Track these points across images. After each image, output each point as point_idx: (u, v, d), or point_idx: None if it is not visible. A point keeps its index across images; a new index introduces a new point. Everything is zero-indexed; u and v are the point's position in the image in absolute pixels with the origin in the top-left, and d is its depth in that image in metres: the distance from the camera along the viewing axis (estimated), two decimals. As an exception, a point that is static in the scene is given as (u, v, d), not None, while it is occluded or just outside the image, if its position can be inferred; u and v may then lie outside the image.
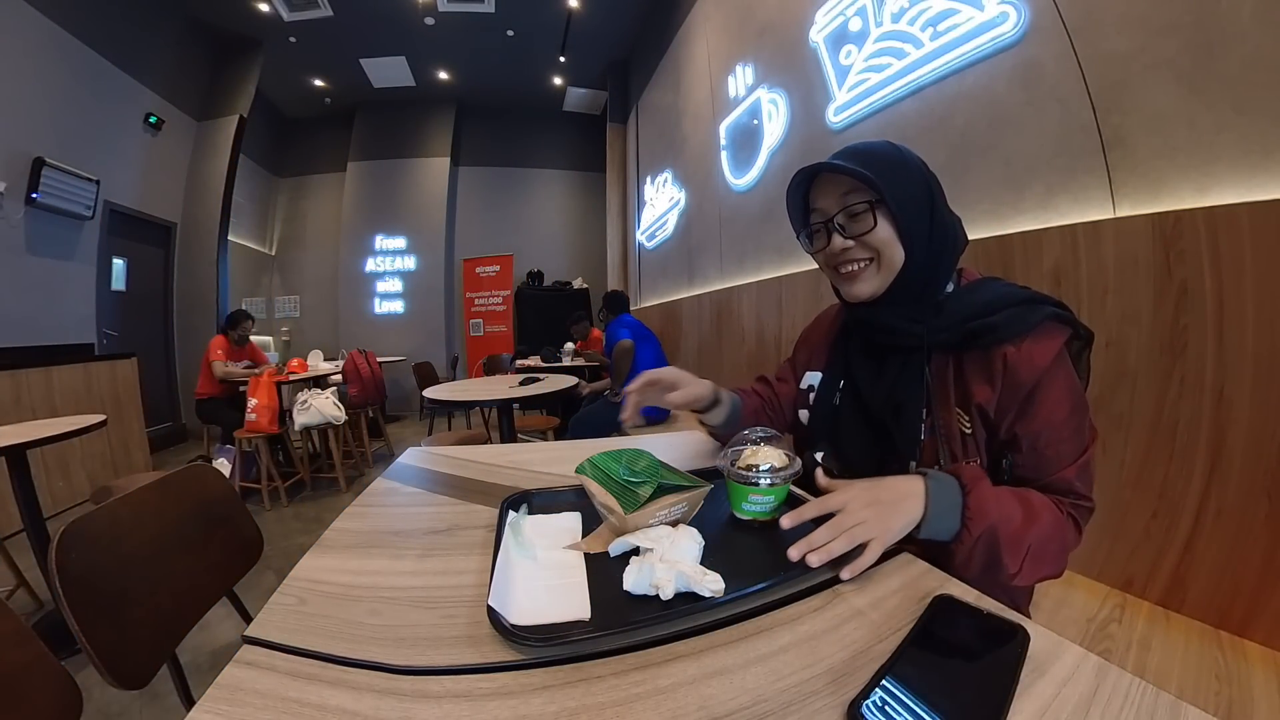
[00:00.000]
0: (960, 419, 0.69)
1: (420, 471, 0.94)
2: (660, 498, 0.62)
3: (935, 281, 0.73)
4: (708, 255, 4.14)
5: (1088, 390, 0.72)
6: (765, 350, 3.19)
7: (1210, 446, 1.25)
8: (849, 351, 0.83)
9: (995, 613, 0.46)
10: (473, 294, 6.85)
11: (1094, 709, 0.37)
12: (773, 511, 0.66)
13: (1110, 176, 1.49)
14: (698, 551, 0.56)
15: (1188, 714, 0.36)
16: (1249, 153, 1.21)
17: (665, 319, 4.87)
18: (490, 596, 0.49)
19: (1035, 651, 0.42)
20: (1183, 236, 1.27)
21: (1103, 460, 1.41)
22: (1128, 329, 1.39)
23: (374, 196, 6.66)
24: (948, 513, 0.59)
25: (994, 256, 1.71)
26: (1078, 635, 1.25)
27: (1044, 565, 0.62)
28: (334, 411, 3.16)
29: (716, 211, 3.95)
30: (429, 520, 0.71)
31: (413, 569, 0.58)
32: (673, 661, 0.43)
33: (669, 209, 4.91)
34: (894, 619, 0.48)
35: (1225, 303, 1.21)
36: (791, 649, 0.45)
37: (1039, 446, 0.65)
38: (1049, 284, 1.53)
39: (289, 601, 0.52)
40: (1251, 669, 1.12)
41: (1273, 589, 1.16)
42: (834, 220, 0.73)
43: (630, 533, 0.58)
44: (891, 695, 0.37)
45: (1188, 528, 1.29)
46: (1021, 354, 0.65)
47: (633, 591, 0.51)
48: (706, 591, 0.49)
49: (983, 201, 1.86)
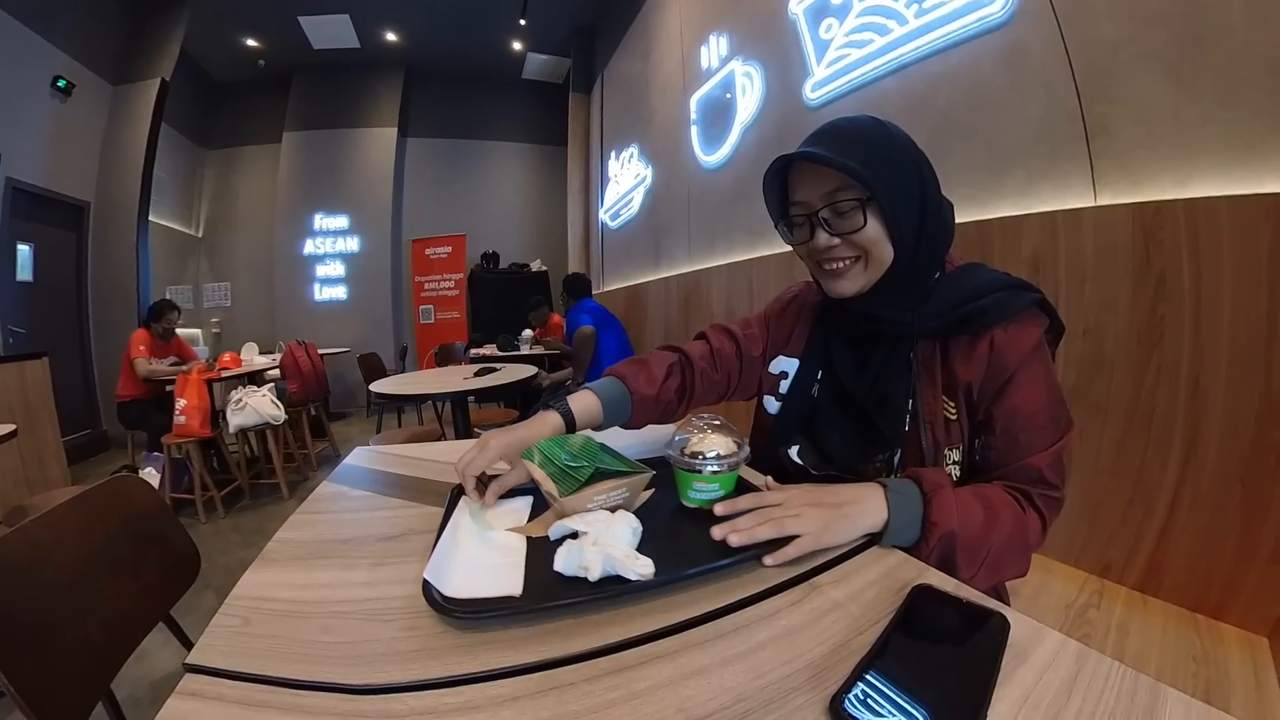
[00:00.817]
0: (946, 406, 0.72)
1: (369, 473, 0.93)
2: (598, 482, 0.66)
3: (925, 272, 0.74)
4: (675, 236, 4.16)
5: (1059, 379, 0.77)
6: None
7: (1186, 434, 1.34)
8: (829, 339, 0.84)
9: (974, 601, 0.48)
10: (422, 278, 6.74)
11: (1075, 693, 0.39)
12: (719, 500, 0.68)
13: (1092, 164, 1.56)
14: (631, 537, 0.59)
15: (1167, 695, 0.38)
16: (1231, 147, 1.29)
17: (630, 304, 4.89)
18: (427, 570, 0.52)
19: (1016, 638, 0.44)
20: (1162, 227, 1.36)
21: (1080, 447, 1.50)
22: (1105, 317, 1.47)
23: (313, 171, 6.47)
24: (909, 524, 0.62)
25: (972, 242, 1.78)
26: (1057, 621, 1.34)
27: (1003, 569, 0.66)
28: (272, 411, 3.07)
29: (685, 189, 3.97)
30: (381, 526, 0.71)
31: (366, 579, 0.57)
32: (647, 664, 0.44)
33: (634, 186, 4.91)
34: (873, 610, 0.50)
35: (1203, 294, 1.30)
36: (770, 645, 0.46)
37: (1012, 430, 0.68)
38: (1027, 271, 1.61)
39: (233, 623, 0.51)
40: (1227, 650, 1.21)
41: (1246, 572, 1.26)
42: (818, 214, 0.72)
43: (569, 516, 0.62)
44: (873, 688, 0.39)
45: (1164, 514, 1.39)
46: (1009, 337, 0.69)
47: (563, 572, 0.55)
48: (634, 575, 0.52)
49: (962, 185, 1.92)
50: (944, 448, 0.72)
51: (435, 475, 0.90)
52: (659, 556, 0.56)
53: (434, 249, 6.74)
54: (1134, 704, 0.38)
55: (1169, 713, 0.37)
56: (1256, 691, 1.11)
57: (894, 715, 0.36)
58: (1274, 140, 1.23)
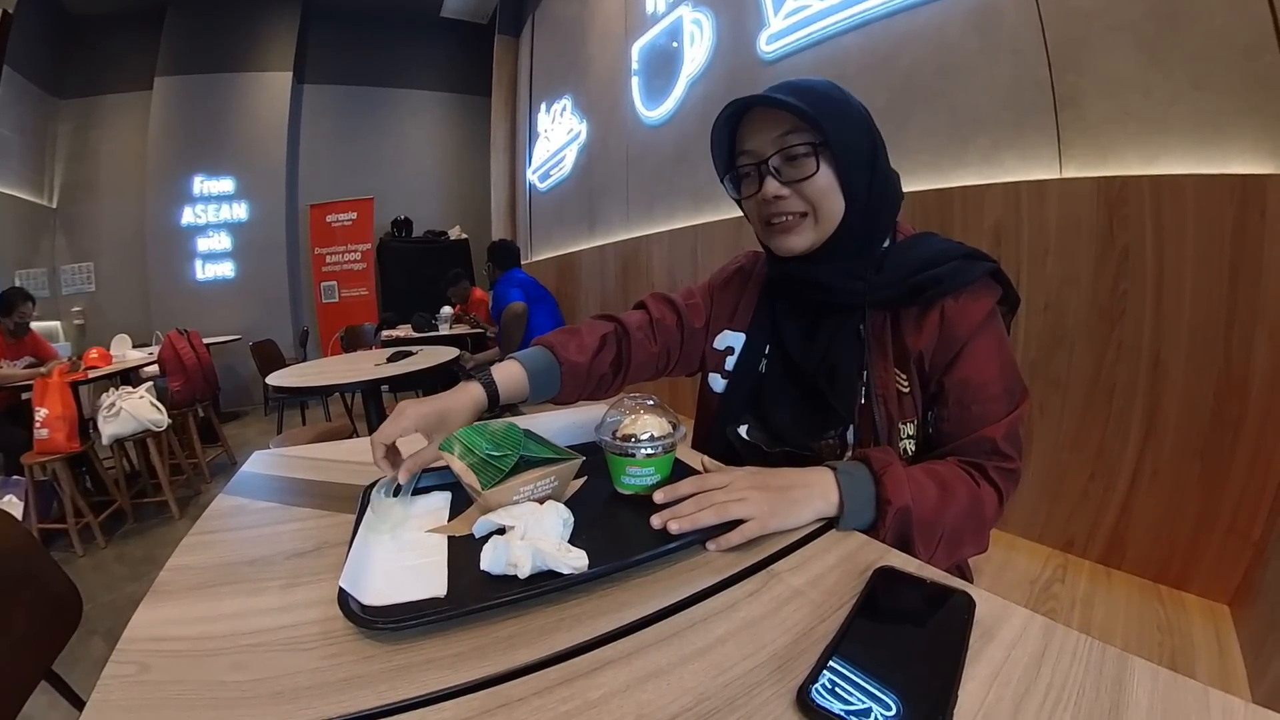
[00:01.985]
0: (898, 378, 0.76)
1: (272, 480, 0.91)
2: (523, 472, 0.67)
3: (874, 237, 0.79)
4: (612, 199, 4.17)
5: (1015, 350, 0.82)
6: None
7: (1146, 410, 1.48)
8: (775, 312, 0.87)
9: (939, 581, 0.52)
10: (324, 249, 6.49)
11: (1044, 667, 0.43)
12: (656, 485, 0.71)
13: (1059, 136, 1.66)
14: (562, 529, 0.61)
15: (1134, 664, 0.43)
16: (1200, 127, 1.41)
17: (561, 275, 4.88)
18: (341, 578, 0.52)
19: (982, 616, 0.48)
20: (1128, 203, 1.47)
21: (1040, 422, 1.64)
22: (1067, 291, 1.59)
23: (191, 124, 6.04)
24: (864, 505, 0.65)
25: (932, 211, 1.86)
26: (1022, 597, 1.46)
27: (961, 547, 0.71)
28: (153, 415, 2.92)
29: (624, 148, 3.97)
30: (290, 540, 0.69)
31: (279, 604, 0.56)
32: (601, 669, 0.45)
33: (567, 143, 4.87)
34: (835, 596, 0.52)
35: (1165, 271, 1.42)
36: (730, 639, 0.48)
37: (965, 401, 0.73)
38: (989, 242, 1.71)
39: (128, 671, 0.48)
40: (1190, 619, 1.36)
41: (1206, 543, 1.41)
42: (768, 163, 0.75)
43: (494, 511, 0.63)
44: (840, 675, 0.41)
45: (1124, 488, 1.52)
46: (960, 307, 0.73)
47: (490, 570, 0.56)
48: (566, 569, 0.54)
49: (923, 151, 2.00)
50: (898, 422, 0.76)
51: (349, 478, 0.88)
52: (594, 548, 0.57)
53: (336, 216, 6.48)
54: (1102, 675, 0.42)
55: (1137, 681, 0.41)
56: (1220, 657, 1.25)
57: (863, 702, 0.39)
58: (1243, 122, 1.35)
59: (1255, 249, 1.29)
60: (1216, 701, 0.39)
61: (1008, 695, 0.40)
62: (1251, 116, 1.33)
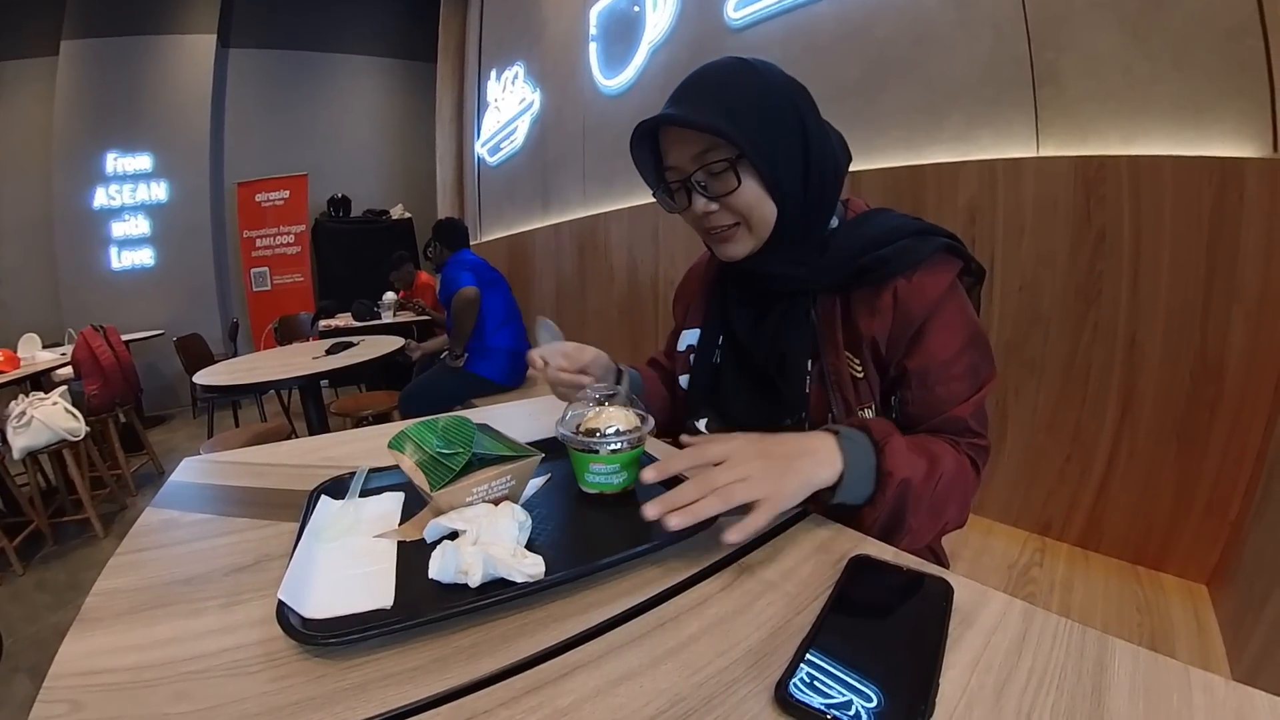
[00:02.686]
0: (850, 363, 0.78)
1: (205, 490, 0.90)
2: (477, 471, 0.67)
3: (818, 221, 0.80)
4: (568, 174, 4.14)
5: (990, 331, 0.85)
6: (639, 292, 3.30)
7: (1122, 391, 1.55)
8: (726, 302, 0.90)
9: (916, 568, 0.54)
10: (253, 232, 6.31)
11: (1025, 652, 0.46)
12: (623, 483, 0.71)
13: (1037, 114, 1.71)
14: (518, 532, 0.61)
15: (1114, 646, 0.46)
16: (1180, 108, 1.47)
17: (513, 256, 4.86)
18: (280, 589, 0.52)
19: (961, 602, 0.50)
20: (1105, 182, 1.53)
21: (1015, 405, 1.71)
22: (1043, 272, 1.65)
23: (103, 94, 5.78)
24: (864, 477, 0.66)
25: (904, 188, 1.91)
26: (1001, 582, 1.52)
27: (944, 515, 0.73)
28: (68, 423, 2.82)
29: (580, 119, 3.94)
30: (228, 554, 0.68)
31: (220, 625, 0.55)
32: (570, 675, 0.45)
33: (519, 114, 4.82)
34: (810, 587, 0.54)
35: (1142, 252, 1.49)
36: (703, 637, 0.49)
37: (929, 383, 0.75)
38: (963, 221, 1.76)
39: (58, 711, 0.47)
40: (1169, 599, 1.44)
41: (1184, 524, 1.49)
42: (691, 179, 0.76)
43: (446, 513, 0.63)
44: (818, 669, 0.42)
45: (1101, 470, 1.60)
46: (913, 286, 0.75)
47: (439, 579, 0.56)
48: (520, 577, 0.54)
49: (897, 126, 2.04)
50: (855, 407, 0.78)
51: (290, 483, 0.87)
52: (555, 553, 0.58)
53: (267, 195, 6.30)
54: (1084, 657, 0.45)
55: (1118, 663, 0.44)
56: (1199, 636, 1.33)
57: (844, 695, 0.40)
58: (1224, 105, 1.41)
59: (1233, 231, 1.35)
60: (1197, 680, 0.42)
61: (990, 681, 0.43)
62: (1233, 99, 1.40)
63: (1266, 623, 1.12)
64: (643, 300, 3.28)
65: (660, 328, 3.20)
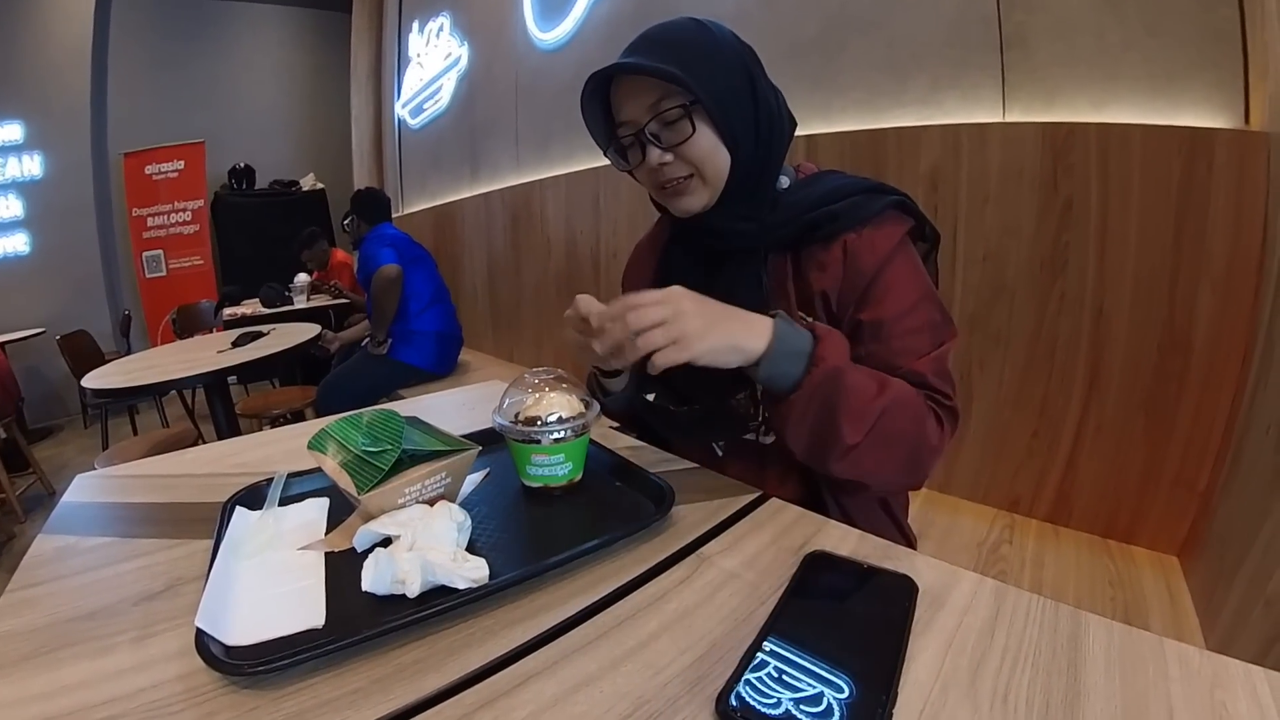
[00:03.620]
0: (802, 322, 0.81)
1: (104, 510, 0.87)
2: (408, 470, 0.67)
3: (768, 174, 0.85)
4: (499, 138, 4.10)
5: (953, 303, 0.88)
6: (579, 266, 3.30)
7: (1089, 363, 1.64)
8: (674, 268, 0.94)
9: (875, 565, 0.57)
10: (144, 210, 6.04)
11: (998, 631, 0.49)
12: (569, 475, 0.72)
13: (1004, 77, 1.77)
14: (457, 534, 0.61)
15: (1088, 621, 0.50)
16: (1152, 75, 1.54)
17: (438, 229, 4.82)
18: (198, 616, 0.51)
19: (930, 584, 0.54)
20: (1073, 150, 1.60)
21: (980, 378, 1.79)
22: (1007, 241, 1.72)
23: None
24: (792, 356, 0.70)
25: (864, 152, 1.96)
26: (970, 561, 1.60)
27: (894, 450, 0.74)
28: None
29: (512, 76, 3.90)
30: (136, 582, 0.67)
31: (134, 662, 0.54)
32: (524, 685, 0.47)
33: (444, 70, 4.74)
34: (772, 576, 0.57)
35: (1109, 221, 1.57)
36: (663, 634, 0.51)
37: (884, 335, 0.79)
38: (925, 188, 1.81)
39: None
40: (1141, 572, 1.54)
41: (1153, 496, 1.59)
42: (645, 131, 0.80)
43: (376, 518, 0.63)
44: (778, 656, 0.45)
45: (1069, 444, 1.69)
46: (863, 240, 0.80)
47: (374, 591, 0.56)
48: (462, 582, 0.55)
49: (856, 88, 2.08)
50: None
51: (201, 494, 0.85)
52: (499, 554, 0.59)
53: (159, 166, 6.03)
54: (1057, 633, 0.49)
55: (1092, 638, 0.48)
56: (1171, 607, 1.42)
57: (808, 684, 0.42)
58: (1196, 74, 1.48)
59: (1201, 202, 1.44)
60: (1172, 651, 0.46)
61: (964, 662, 0.46)
62: (1205, 69, 1.47)
63: (1238, 592, 1.21)
64: (583, 274, 3.27)
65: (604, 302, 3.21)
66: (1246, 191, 1.38)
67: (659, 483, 0.73)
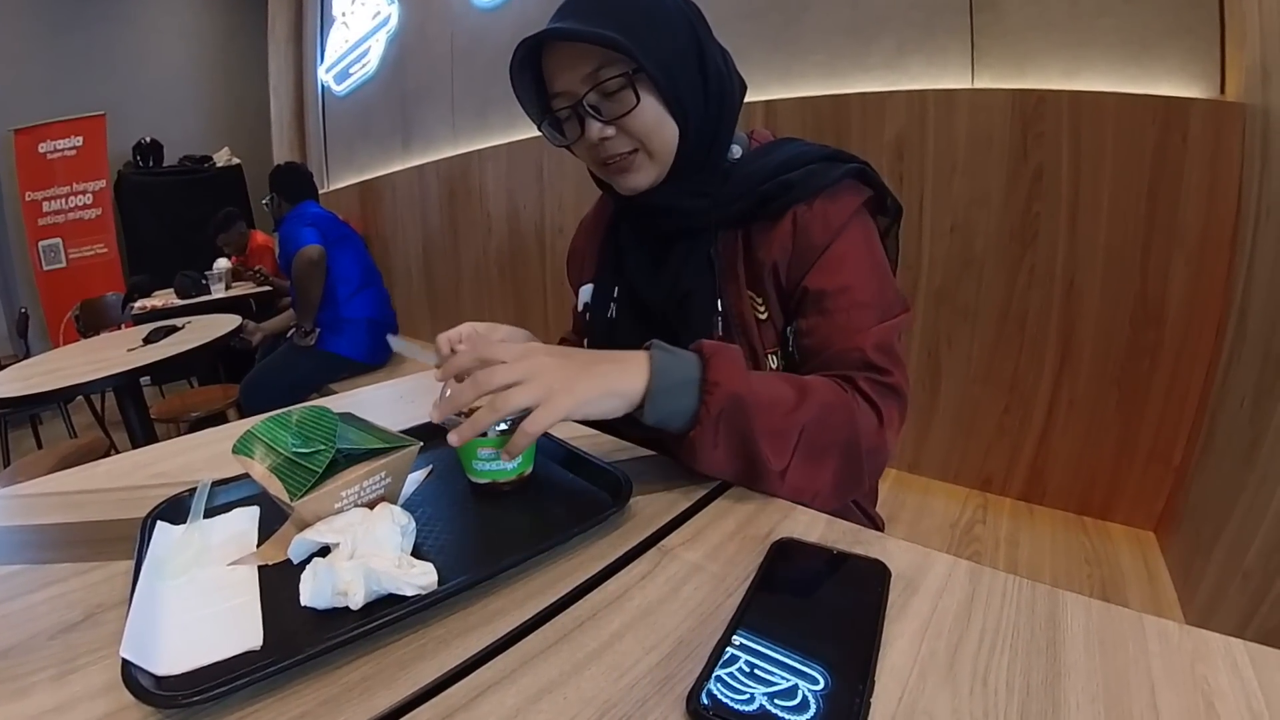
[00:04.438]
0: (754, 303, 0.83)
1: (8, 535, 0.84)
2: (344, 471, 0.66)
3: (719, 144, 0.84)
4: (433, 105, 4.09)
5: (901, 269, 0.90)
6: (522, 243, 3.31)
7: (1061, 337, 1.70)
8: (620, 249, 0.93)
9: (845, 550, 0.58)
10: (38, 193, 5.82)
11: (975, 614, 0.51)
12: (518, 469, 0.73)
13: (973, 41, 1.80)
14: (400, 538, 0.61)
15: (1065, 600, 0.52)
16: (1127, 42, 1.59)
17: (367, 206, 4.82)
18: (123, 646, 0.49)
19: (903, 567, 0.55)
20: (1044, 118, 1.64)
21: (949, 354, 1.85)
22: (976, 212, 1.77)
23: None
24: (679, 387, 0.68)
25: (826, 119, 1.99)
26: (943, 543, 1.67)
27: (825, 464, 0.72)
28: None
29: (448, 37, 3.88)
30: (50, 612, 0.64)
31: (54, 702, 0.52)
32: (481, 696, 0.47)
33: (372, 31, 4.72)
34: (738, 566, 0.58)
35: (1081, 191, 1.62)
36: (627, 633, 0.52)
37: (828, 307, 0.79)
38: (890, 156, 1.85)
39: None
40: (1117, 548, 1.62)
41: (1128, 472, 1.66)
42: (583, 103, 0.78)
43: (312, 526, 0.61)
44: (750, 651, 0.46)
45: (1041, 420, 1.76)
46: (814, 212, 0.80)
47: (314, 605, 0.55)
48: (410, 589, 0.54)
49: (818, 51, 2.11)
50: (762, 354, 0.83)
51: (117, 511, 0.83)
52: (448, 557, 0.59)
53: (54, 143, 5.81)
54: (1035, 613, 0.51)
55: (1070, 616, 0.50)
56: (1149, 583, 1.50)
57: (781, 677, 0.43)
58: (1172, 42, 1.54)
59: (1175, 173, 1.50)
60: (1151, 627, 0.48)
61: (941, 647, 0.48)
62: (1181, 37, 1.53)
63: (1215, 565, 1.27)
64: (527, 253, 3.28)
65: (551, 284, 3.21)
66: (1221, 163, 1.44)
67: (615, 473, 0.73)
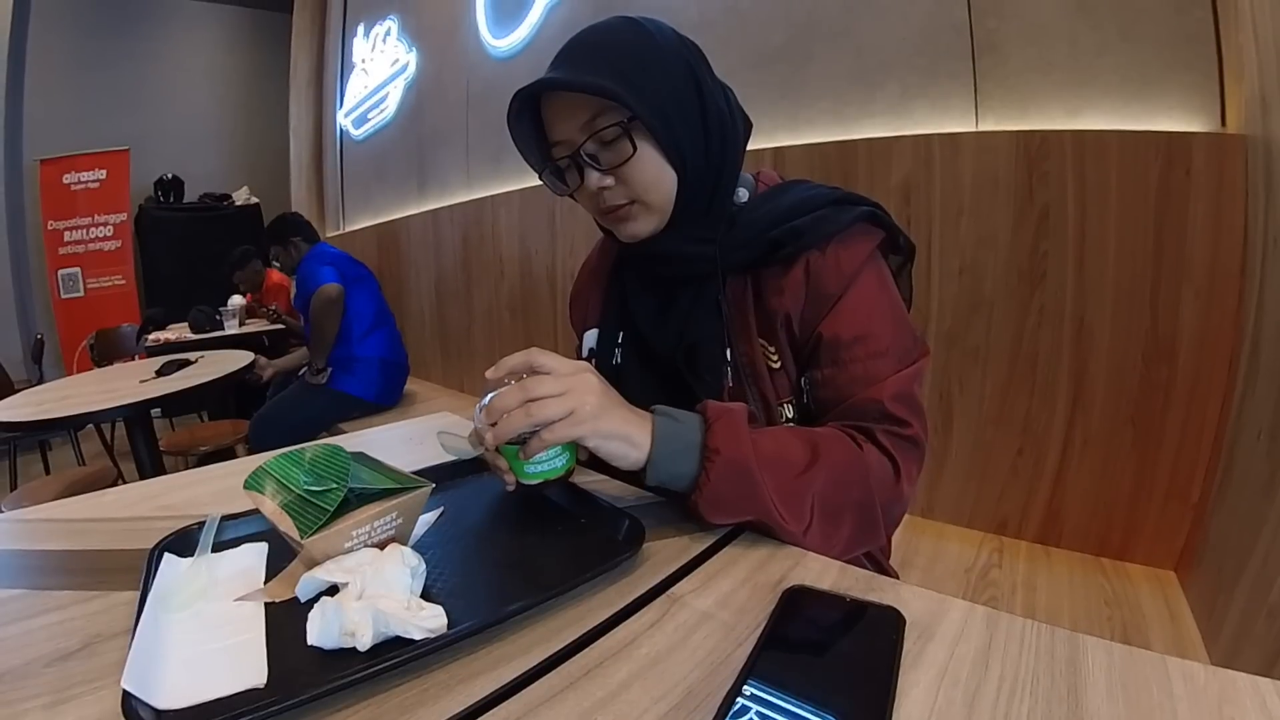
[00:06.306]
0: (765, 352, 0.81)
1: (11, 559, 0.84)
2: (355, 510, 0.65)
3: (722, 188, 0.83)
4: (449, 150, 4.14)
5: (912, 310, 0.89)
6: (534, 287, 3.32)
7: (1072, 376, 1.69)
8: (625, 294, 0.92)
9: (858, 597, 0.57)
10: (61, 223, 5.97)
11: (993, 661, 0.49)
12: (567, 464, 0.73)
13: (977, 85, 1.83)
14: (410, 580, 0.60)
15: (1086, 643, 0.50)
16: (1127, 80, 1.61)
17: (383, 248, 4.84)
18: (124, 677, 0.48)
19: (918, 615, 0.54)
20: (1048, 158, 1.66)
21: (960, 396, 1.84)
22: (984, 253, 1.78)
23: None
24: (681, 455, 0.68)
25: (833, 164, 2.01)
26: (959, 588, 1.62)
27: (842, 524, 0.71)
28: None
29: (463, 85, 3.93)
30: (49, 639, 0.64)
31: None
32: (483, 745, 0.46)
33: (391, 78, 4.79)
34: (749, 615, 0.57)
35: (1087, 230, 1.63)
36: (635, 682, 0.50)
37: (844, 358, 0.77)
38: (897, 200, 1.86)
39: None
40: (1137, 589, 1.59)
41: (1145, 511, 1.63)
42: (581, 152, 0.78)
43: (321, 564, 0.61)
44: (761, 702, 0.44)
45: (1055, 460, 1.74)
46: (827, 260, 0.78)
47: (321, 645, 0.54)
48: (419, 633, 0.53)
49: (825, 98, 2.14)
50: (774, 403, 0.81)
51: (123, 540, 0.83)
52: (457, 600, 0.58)
53: (78, 175, 5.96)
54: (1055, 659, 0.49)
55: (1091, 660, 0.49)
56: (1172, 623, 1.46)
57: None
58: (1171, 78, 1.56)
59: (1180, 208, 1.50)
60: (1176, 669, 0.47)
61: (958, 695, 0.46)
62: (1180, 72, 1.55)
63: (1239, 603, 1.24)
64: (538, 297, 3.29)
65: (560, 329, 3.22)
66: (1225, 195, 1.45)
67: (628, 518, 0.72)
